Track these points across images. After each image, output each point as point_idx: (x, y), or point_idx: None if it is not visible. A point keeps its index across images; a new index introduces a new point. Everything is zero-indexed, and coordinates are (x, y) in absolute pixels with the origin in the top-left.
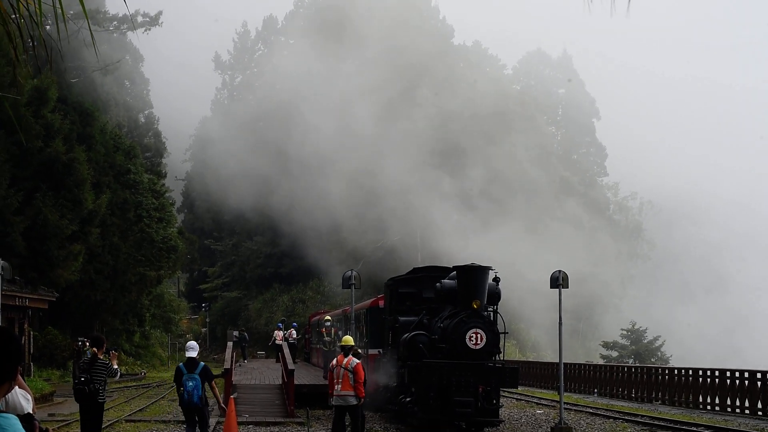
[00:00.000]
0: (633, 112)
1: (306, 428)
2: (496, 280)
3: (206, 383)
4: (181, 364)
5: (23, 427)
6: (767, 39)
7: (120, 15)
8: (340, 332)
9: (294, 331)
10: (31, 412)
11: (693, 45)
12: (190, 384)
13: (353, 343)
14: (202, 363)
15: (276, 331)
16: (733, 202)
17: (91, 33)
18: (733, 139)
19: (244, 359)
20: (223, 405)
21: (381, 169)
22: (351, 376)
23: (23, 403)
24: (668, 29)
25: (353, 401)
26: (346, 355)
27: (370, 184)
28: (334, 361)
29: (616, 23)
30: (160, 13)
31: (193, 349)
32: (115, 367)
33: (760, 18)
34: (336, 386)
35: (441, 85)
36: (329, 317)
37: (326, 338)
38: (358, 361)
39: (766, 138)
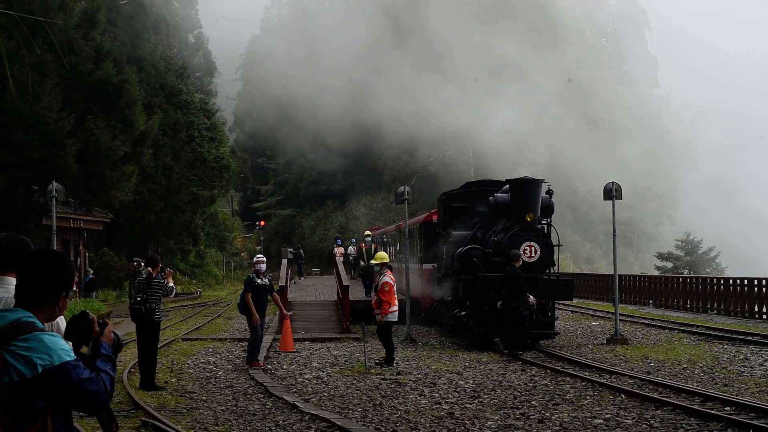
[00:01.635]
0: (684, 22)
1: (362, 343)
2: (550, 192)
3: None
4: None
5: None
6: None
7: None
8: (379, 247)
9: (353, 248)
10: None
11: None
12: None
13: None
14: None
15: (336, 248)
16: None
17: None
18: None
19: (300, 276)
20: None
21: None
22: None
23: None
24: None
25: None
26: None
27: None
28: (394, 277)
29: None
30: None
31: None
32: (171, 285)
33: None
34: (397, 302)
35: None
36: (369, 232)
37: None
38: None
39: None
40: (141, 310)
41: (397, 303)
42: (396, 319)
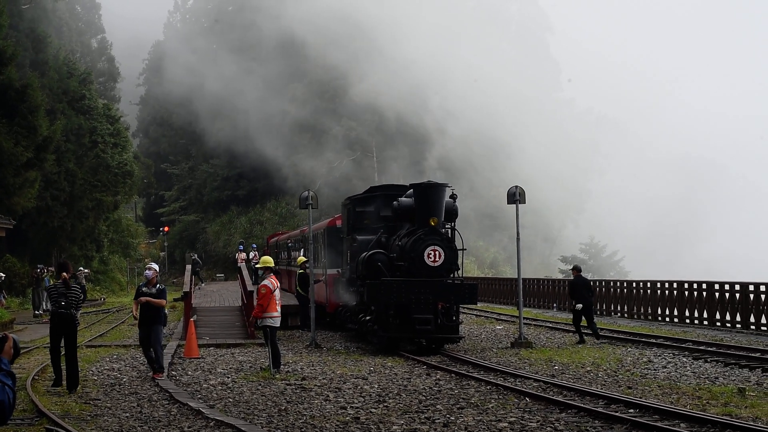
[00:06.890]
0: (588, 26)
1: (267, 349)
2: (453, 197)
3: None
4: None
5: None
6: None
7: None
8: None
9: (255, 254)
10: None
11: None
12: None
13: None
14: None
15: (237, 254)
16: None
17: None
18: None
19: (202, 282)
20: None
21: None
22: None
23: None
24: None
25: None
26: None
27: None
28: (276, 282)
29: None
30: None
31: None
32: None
33: None
34: (278, 308)
35: None
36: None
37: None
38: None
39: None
40: (66, 314)
41: (278, 309)
42: (276, 325)
